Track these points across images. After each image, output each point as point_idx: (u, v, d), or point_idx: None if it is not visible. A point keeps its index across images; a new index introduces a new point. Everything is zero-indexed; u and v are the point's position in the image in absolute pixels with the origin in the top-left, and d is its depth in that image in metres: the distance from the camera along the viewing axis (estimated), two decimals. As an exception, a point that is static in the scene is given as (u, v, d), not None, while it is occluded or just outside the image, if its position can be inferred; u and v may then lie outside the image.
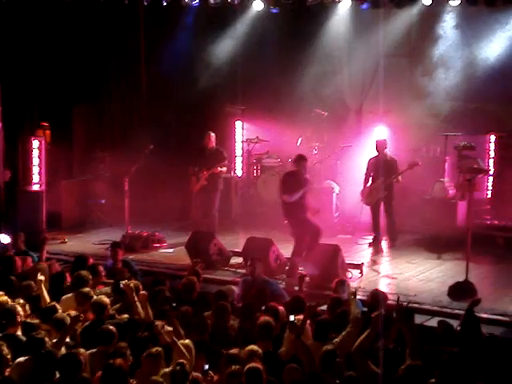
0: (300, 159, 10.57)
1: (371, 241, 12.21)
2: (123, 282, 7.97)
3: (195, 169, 12.46)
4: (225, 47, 14.69)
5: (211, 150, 12.53)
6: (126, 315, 7.61)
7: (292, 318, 6.94)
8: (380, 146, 12.14)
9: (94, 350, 6.81)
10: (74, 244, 12.59)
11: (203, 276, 9.39)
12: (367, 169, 12.21)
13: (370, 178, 12.14)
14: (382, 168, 11.76)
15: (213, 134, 12.61)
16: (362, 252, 11.99)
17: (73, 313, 7.32)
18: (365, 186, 12.18)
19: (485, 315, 8.51)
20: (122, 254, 10.09)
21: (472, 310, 7.42)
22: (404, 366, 5.97)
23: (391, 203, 12.07)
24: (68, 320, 7.09)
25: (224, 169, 12.51)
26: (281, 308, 7.76)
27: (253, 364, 6.12)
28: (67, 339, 7.03)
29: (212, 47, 14.68)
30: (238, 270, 10.90)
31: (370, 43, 13.20)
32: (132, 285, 7.85)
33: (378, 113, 13.13)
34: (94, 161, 14.48)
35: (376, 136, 12.75)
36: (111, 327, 6.90)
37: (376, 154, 12.15)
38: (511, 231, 11.91)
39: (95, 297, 7.81)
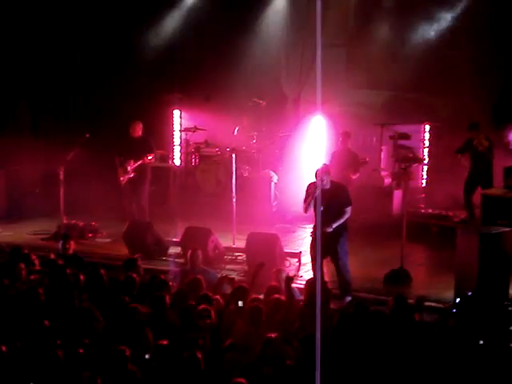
0: None
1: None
2: None
3: (121, 159, 12.15)
4: (162, 35, 14.55)
5: (138, 140, 12.19)
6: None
7: (240, 303, 6.94)
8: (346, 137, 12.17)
9: None
10: (8, 234, 12.30)
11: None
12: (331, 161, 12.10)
13: None
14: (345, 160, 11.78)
15: (140, 123, 12.23)
16: (301, 241, 12.04)
17: None
18: None
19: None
20: (74, 246, 9.81)
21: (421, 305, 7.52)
22: None
23: None
24: None
25: (151, 159, 12.17)
26: (217, 297, 7.72)
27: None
28: None
29: (149, 35, 14.52)
30: (176, 260, 10.84)
31: (307, 32, 13.25)
32: None
33: (315, 102, 13.17)
34: (27, 149, 14.14)
35: (314, 125, 12.83)
36: None
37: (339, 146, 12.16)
38: (445, 219, 12.15)
39: None
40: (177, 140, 14.99)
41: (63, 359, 6.07)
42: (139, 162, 12.07)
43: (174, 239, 11.37)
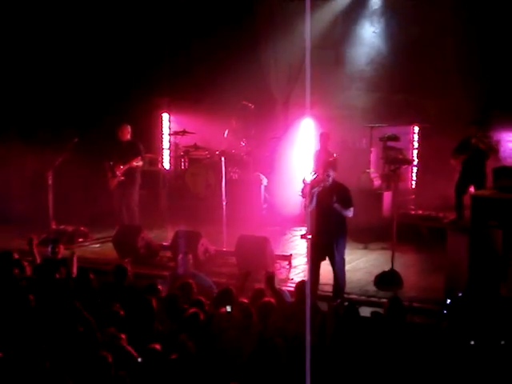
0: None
1: (304, 232, 12.24)
2: None
3: (110, 163, 12.10)
4: (150, 38, 14.52)
5: (126, 143, 12.14)
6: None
7: (229, 308, 6.92)
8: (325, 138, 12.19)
9: None
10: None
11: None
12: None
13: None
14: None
15: (128, 126, 12.18)
16: (291, 243, 12.04)
17: None
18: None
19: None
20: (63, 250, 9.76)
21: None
22: None
23: None
24: None
25: (140, 163, 12.19)
26: (207, 301, 7.68)
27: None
28: None
29: (139, 37, 14.49)
30: (167, 264, 10.80)
31: (296, 35, 13.25)
32: None
33: (304, 105, 13.19)
34: (15, 153, 14.06)
35: (303, 128, 12.84)
36: None
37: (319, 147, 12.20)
38: (435, 221, 12.15)
39: None
40: (166, 143, 14.97)
41: (49, 365, 6.03)
42: (127, 166, 12.03)
43: (164, 243, 11.33)
